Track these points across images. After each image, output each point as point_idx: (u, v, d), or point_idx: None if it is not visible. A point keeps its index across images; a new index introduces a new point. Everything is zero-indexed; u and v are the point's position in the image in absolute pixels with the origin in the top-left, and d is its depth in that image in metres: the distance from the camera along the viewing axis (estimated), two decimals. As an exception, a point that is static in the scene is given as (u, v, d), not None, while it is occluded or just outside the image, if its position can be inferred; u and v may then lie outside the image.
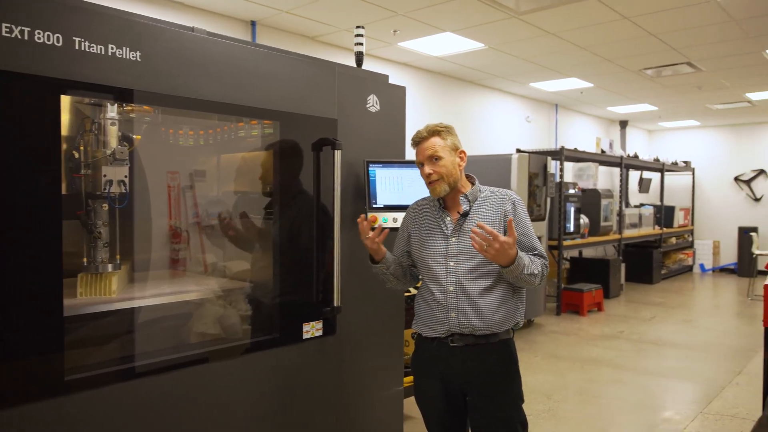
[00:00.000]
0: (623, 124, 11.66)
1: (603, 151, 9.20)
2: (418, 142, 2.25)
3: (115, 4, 2.30)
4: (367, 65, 3.22)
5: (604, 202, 8.71)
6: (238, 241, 2.87)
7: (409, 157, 3.10)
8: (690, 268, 11.84)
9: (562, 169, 7.65)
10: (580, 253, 9.19)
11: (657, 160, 10.84)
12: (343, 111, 2.75)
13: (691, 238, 12.03)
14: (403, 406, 3.18)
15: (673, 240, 11.29)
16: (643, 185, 11.68)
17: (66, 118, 2.15)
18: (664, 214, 10.92)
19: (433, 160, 2.20)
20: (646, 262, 10.12)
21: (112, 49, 1.95)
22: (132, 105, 2.34)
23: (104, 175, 2.23)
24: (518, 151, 7.47)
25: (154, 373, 2.13)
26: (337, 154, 2.60)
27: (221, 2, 4.96)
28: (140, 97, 2.10)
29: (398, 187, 2.93)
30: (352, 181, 2.84)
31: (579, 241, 8.12)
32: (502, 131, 8.76)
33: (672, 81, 7.99)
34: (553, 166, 7.34)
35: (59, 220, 1.87)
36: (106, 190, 2.23)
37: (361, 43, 3.14)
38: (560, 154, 7.63)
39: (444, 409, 2.26)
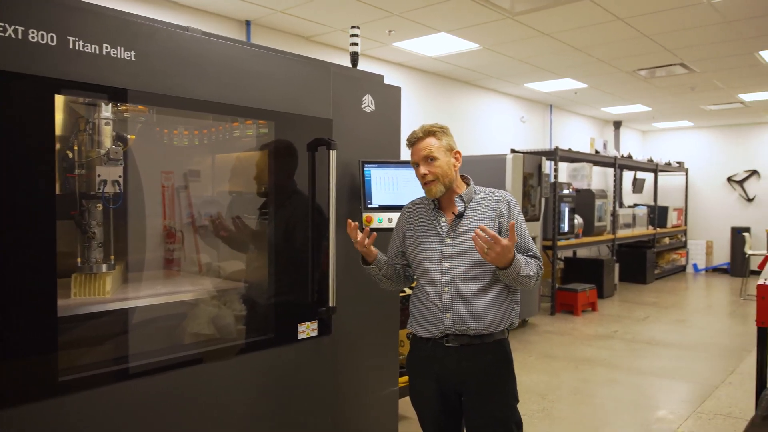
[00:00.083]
0: (617, 125, 11.71)
1: (597, 152, 9.23)
2: (413, 142, 2.25)
3: (110, 4, 2.30)
4: (362, 65, 3.22)
5: (598, 203, 8.75)
6: (231, 241, 2.87)
7: (404, 157, 3.11)
8: (683, 268, 11.90)
9: (556, 170, 7.68)
10: (575, 253, 9.23)
11: (650, 161, 10.89)
12: (338, 111, 2.75)
13: (684, 239, 12.09)
14: (398, 406, 3.18)
15: (667, 240, 11.34)
16: (637, 185, 11.73)
17: (60, 117, 2.14)
18: (658, 215, 10.97)
19: (429, 161, 2.20)
20: (639, 262, 10.17)
21: (107, 48, 1.95)
22: (126, 105, 2.33)
23: (98, 175, 2.22)
24: (513, 151, 7.48)
25: (149, 374, 2.12)
26: (333, 154, 2.59)
27: (216, 2, 4.94)
28: (135, 97, 2.09)
29: (393, 188, 2.94)
30: (347, 182, 2.84)
31: (573, 241, 8.15)
32: (497, 131, 8.77)
33: (665, 82, 8.03)
34: (548, 166, 7.36)
35: (53, 220, 1.86)
36: (101, 190, 2.22)
37: (357, 43, 3.15)
38: (555, 155, 7.65)
39: (439, 409, 2.26)
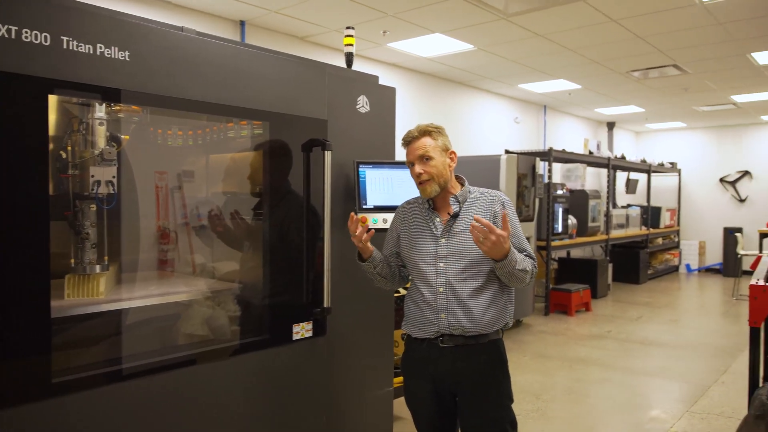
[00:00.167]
0: (611, 126, 11.76)
1: (591, 153, 9.27)
2: (408, 141, 2.26)
3: (104, 4, 2.29)
4: (357, 66, 3.22)
5: (591, 203, 8.78)
6: (227, 237, 2.86)
7: (398, 157, 3.11)
8: (676, 268, 11.95)
9: (550, 170, 7.70)
10: (568, 254, 9.25)
11: (644, 162, 10.94)
12: (333, 112, 2.75)
13: (677, 239, 12.14)
14: (392, 407, 3.18)
15: (660, 240, 11.39)
16: (630, 186, 11.78)
17: (53, 117, 2.13)
18: (651, 215, 11.02)
19: (424, 160, 2.21)
20: (633, 263, 10.21)
21: (101, 48, 1.94)
22: (120, 105, 2.32)
23: (92, 176, 2.21)
24: (507, 152, 7.50)
25: (142, 375, 2.12)
26: (327, 154, 2.59)
27: (210, 2, 4.93)
28: (129, 97, 2.09)
29: (388, 188, 2.94)
30: (342, 182, 2.84)
31: (567, 242, 8.17)
32: (491, 132, 8.79)
33: (658, 83, 8.07)
34: (542, 167, 7.39)
35: (47, 221, 1.85)
36: (94, 191, 2.21)
37: (351, 44, 3.14)
38: (548, 155, 7.67)
39: (434, 410, 2.26)
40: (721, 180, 12.01)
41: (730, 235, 10.82)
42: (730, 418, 4.05)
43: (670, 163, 11.99)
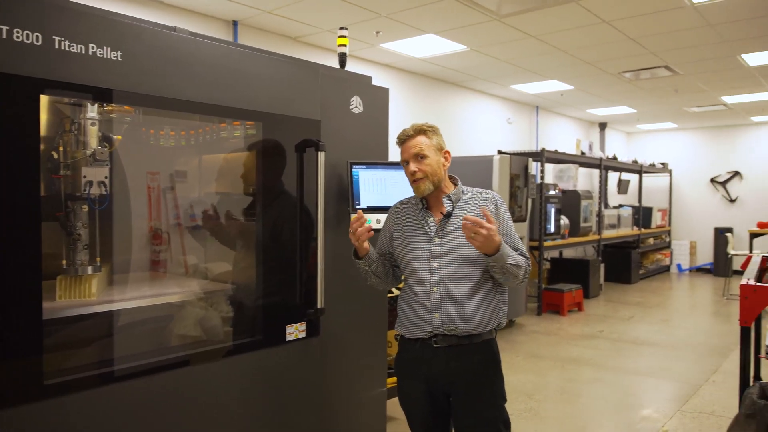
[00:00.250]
0: (602, 126, 11.82)
1: (583, 153, 9.30)
2: (403, 140, 2.26)
3: (96, 3, 2.27)
4: (350, 66, 3.22)
5: (583, 203, 8.82)
6: (220, 234, 2.85)
7: (392, 158, 3.11)
8: (667, 268, 12.03)
9: (542, 171, 7.72)
10: (561, 254, 9.29)
11: (635, 162, 11.00)
12: (326, 112, 2.75)
13: (668, 239, 12.22)
14: (386, 407, 3.18)
15: (651, 240, 11.46)
16: (622, 186, 11.84)
17: (45, 117, 2.11)
18: (642, 215, 11.08)
19: (419, 159, 2.21)
20: (624, 263, 10.26)
21: (93, 48, 1.93)
22: (113, 105, 2.31)
23: (84, 176, 2.19)
24: (499, 152, 7.51)
25: (135, 377, 2.11)
26: (321, 155, 2.59)
27: (203, 2, 4.92)
28: (121, 98, 2.07)
29: (381, 189, 2.94)
30: (335, 183, 2.83)
31: (559, 242, 8.21)
32: (484, 133, 8.81)
33: (650, 84, 8.12)
34: (534, 167, 7.40)
35: (38, 222, 1.84)
36: (86, 191, 2.19)
37: (345, 45, 3.14)
38: (541, 156, 7.70)
39: (427, 410, 2.26)
40: (712, 180, 12.10)
41: (721, 235, 10.91)
42: (721, 417, 4.08)
43: (662, 164, 12.06)
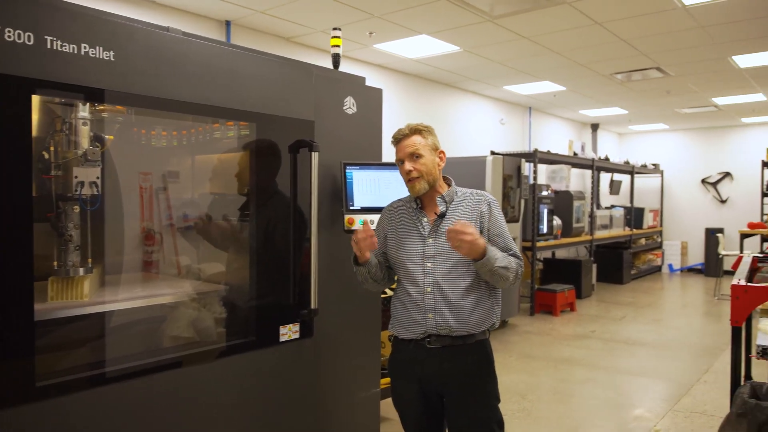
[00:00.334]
0: (594, 127, 11.87)
1: (575, 154, 9.34)
2: (399, 139, 2.26)
3: (89, 3, 2.26)
4: (343, 67, 3.22)
5: (576, 204, 8.85)
6: (213, 236, 2.84)
7: (385, 159, 3.11)
8: (659, 269, 12.10)
9: (535, 171, 7.75)
10: (553, 254, 9.32)
11: (627, 163, 11.05)
12: (320, 113, 2.75)
13: (659, 239, 12.29)
14: (380, 408, 3.18)
15: (643, 241, 11.52)
16: (614, 187, 11.90)
17: (36, 117, 2.10)
18: (634, 216, 11.13)
19: (414, 158, 2.22)
20: (616, 263, 10.31)
21: (85, 48, 1.92)
22: (105, 105, 2.30)
23: (75, 177, 2.18)
24: (492, 153, 7.53)
25: (127, 378, 2.09)
26: (314, 155, 2.59)
27: (196, 1, 4.90)
28: (113, 98, 2.06)
29: (375, 189, 2.94)
30: (329, 183, 2.83)
31: (552, 243, 8.23)
32: (477, 133, 8.83)
33: (641, 85, 8.16)
34: (527, 168, 7.43)
35: (30, 223, 1.82)
36: (78, 192, 2.18)
37: (338, 45, 3.14)
38: (534, 157, 7.72)
39: (421, 410, 2.26)
40: (703, 181, 12.18)
41: (712, 236, 10.97)
42: (713, 417, 4.11)
43: (653, 165, 12.13)
